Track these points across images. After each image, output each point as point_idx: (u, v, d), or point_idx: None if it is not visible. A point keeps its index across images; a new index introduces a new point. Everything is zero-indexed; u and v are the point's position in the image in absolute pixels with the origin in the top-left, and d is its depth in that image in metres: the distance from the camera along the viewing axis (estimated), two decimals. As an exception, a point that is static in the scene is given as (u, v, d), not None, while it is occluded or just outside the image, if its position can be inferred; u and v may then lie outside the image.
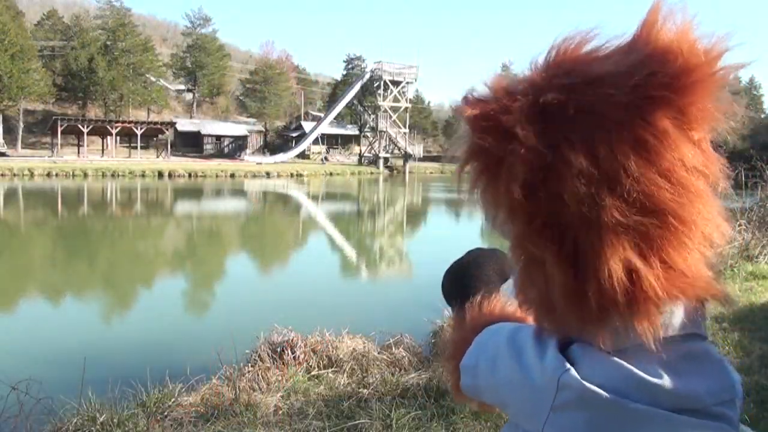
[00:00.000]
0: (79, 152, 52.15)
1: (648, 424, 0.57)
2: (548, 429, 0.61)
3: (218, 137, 65.26)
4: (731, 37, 0.59)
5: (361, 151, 65.41)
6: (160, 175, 44.48)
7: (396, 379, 4.49)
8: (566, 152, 0.58)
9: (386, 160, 61.15)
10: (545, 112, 0.60)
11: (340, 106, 62.05)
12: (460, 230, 22.86)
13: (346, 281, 13.31)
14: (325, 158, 63.36)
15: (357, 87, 62.13)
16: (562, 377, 0.60)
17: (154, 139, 59.37)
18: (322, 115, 68.42)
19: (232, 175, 47.63)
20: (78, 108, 63.65)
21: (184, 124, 64.52)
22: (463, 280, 0.90)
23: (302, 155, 61.29)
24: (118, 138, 56.04)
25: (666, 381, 0.58)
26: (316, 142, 63.30)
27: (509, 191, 0.61)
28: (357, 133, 68.35)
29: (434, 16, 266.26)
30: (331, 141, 68.54)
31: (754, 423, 3.57)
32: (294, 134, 69.57)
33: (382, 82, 60.76)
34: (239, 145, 64.97)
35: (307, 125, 68.59)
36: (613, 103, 0.57)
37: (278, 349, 5.17)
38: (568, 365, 0.60)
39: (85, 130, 50.82)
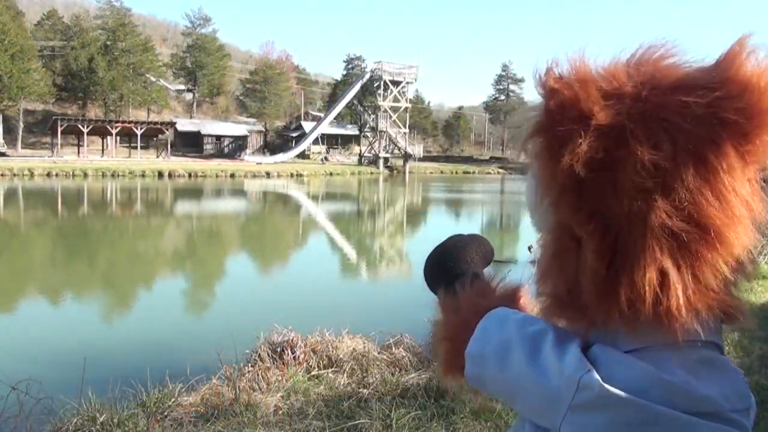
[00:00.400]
0: (79, 152, 52.13)
1: (667, 426, 0.58)
2: (566, 427, 0.62)
3: (218, 137, 65.25)
4: None
5: (361, 151, 65.39)
6: (160, 175, 44.48)
7: (396, 379, 4.49)
8: (633, 145, 0.60)
9: (386, 160, 61.12)
10: (621, 103, 0.62)
11: (340, 106, 62.03)
12: (460, 230, 22.78)
13: (346, 281, 13.32)
14: (325, 158, 63.34)
15: (357, 87, 62.10)
16: (583, 378, 0.61)
17: (154, 139, 59.36)
18: (322, 115, 68.40)
19: (232, 175, 47.63)
20: (78, 108, 63.64)
21: (184, 124, 64.50)
22: (447, 263, 0.89)
23: (302, 155, 61.27)
24: (118, 138, 56.03)
25: (685, 383, 0.60)
26: (316, 142, 63.29)
27: (566, 173, 0.62)
28: (357, 133, 68.32)
29: (434, 16, 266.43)
30: (331, 141, 68.52)
31: (754, 423, 3.57)
32: (294, 134, 69.55)
33: (382, 82, 60.72)
34: (239, 145, 64.95)
35: (307, 125, 68.56)
36: (686, 112, 0.60)
37: (278, 349, 5.17)
38: (589, 366, 0.61)
39: (85, 130, 50.80)
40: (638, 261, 0.60)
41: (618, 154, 0.60)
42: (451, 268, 0.88)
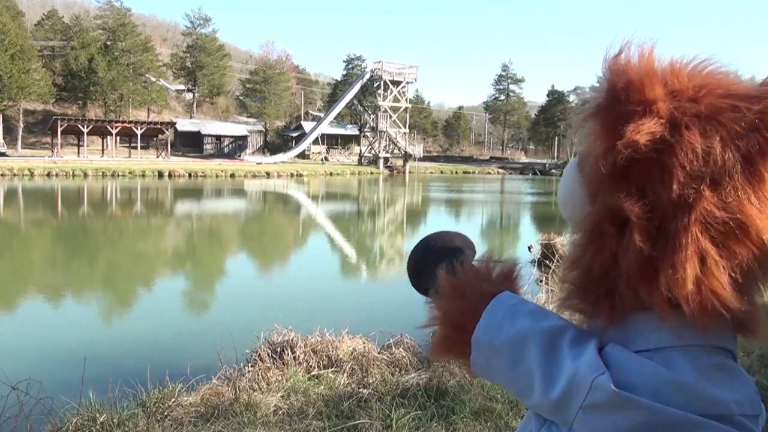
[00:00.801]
0: (79, 152, 52.10)
1: (679, 428, 0.59)
2: (578, 426, 0.63)
3: (218, 137, 65.23)
4: None
5: (361, 151, 65.36)
6: (160, 175, 44.47)
7: (396, 379, 4.49)
8: (687, 135, 0.63)
9: (386, 160, 61.09)
10: (679, 101, 0.65)
11: (340, 106, 62.01)
12: (459, 230, 22.82)
13: (346, 281, 13.31)
14: (325, 158, 63.34)
15: (357, 87, 62.07)
16: (596, 379, 0.61)
17: (154, 139, 59.32)
18: (322, 115, 68.37)
19: (232, 175, 47.62)
20: (78, 108, 63.63)
21: (184, 124, 64.49)
22: (434, 253, 0.90)
23: (302, 155, 61.26)
24: (118, 138, 55.99)
25: (697, 385, 0.61)
26: (316, 142, 63.27)
27: (619, 153, 0.64)
28: (357, 133, 68.30)
29: (434, 16, 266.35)
30: (331, 141, 68.51)
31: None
32: (294, 134, 69.54)
33: (382, 82, 60.69)
34: (239, 145, 64.94)
35: (307, 125, 68.55)
36: (738, 117, 0.62)
37: (278, 349, 5.17)
38: (604, 368, 0.62)
39: (85, 130, 50.77)
40: (681, 244, 0.62)
41: (672, 141, 0.63)
42: (442, 256, 0.88)
